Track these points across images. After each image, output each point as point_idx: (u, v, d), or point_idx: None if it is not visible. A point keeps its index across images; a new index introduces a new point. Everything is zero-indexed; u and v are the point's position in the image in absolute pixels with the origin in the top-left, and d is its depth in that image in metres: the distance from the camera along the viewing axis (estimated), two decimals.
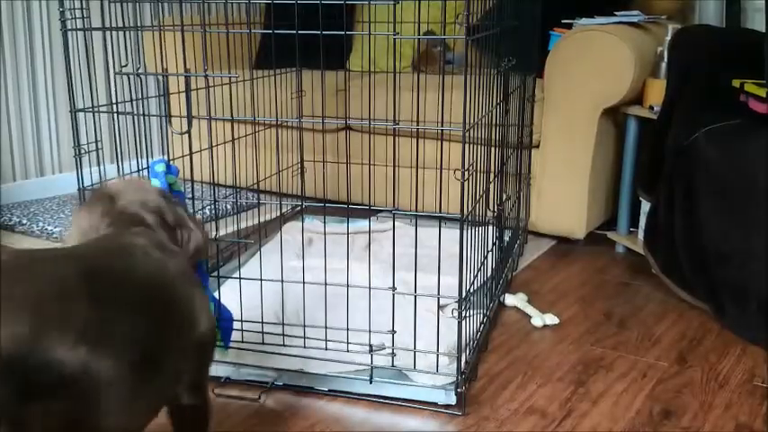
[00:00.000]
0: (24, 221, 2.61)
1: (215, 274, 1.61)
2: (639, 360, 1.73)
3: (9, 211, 2.72)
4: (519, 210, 2.38)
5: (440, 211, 1.41)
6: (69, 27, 1.54)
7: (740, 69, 2.14)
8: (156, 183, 1.30)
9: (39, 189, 3.01)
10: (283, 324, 1.64)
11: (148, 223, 1.14)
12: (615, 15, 2.48)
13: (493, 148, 1.77)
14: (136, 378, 0.91)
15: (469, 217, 1.49)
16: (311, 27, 1.43)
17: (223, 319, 1.44)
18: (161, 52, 1.51)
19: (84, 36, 1.52)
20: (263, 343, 1.61)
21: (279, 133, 2.76)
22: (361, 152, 2.79)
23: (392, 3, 1.36)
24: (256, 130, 2.81)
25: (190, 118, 1.44)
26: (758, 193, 1.85)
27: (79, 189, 1.58)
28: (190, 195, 1.56)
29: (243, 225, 2.61)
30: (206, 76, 1.37)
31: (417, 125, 1.33)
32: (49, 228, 2.54)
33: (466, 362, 1.55)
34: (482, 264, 1.74)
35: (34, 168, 3.01)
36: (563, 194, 2.46)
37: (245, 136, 2.54)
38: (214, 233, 1.61)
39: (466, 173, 1.39)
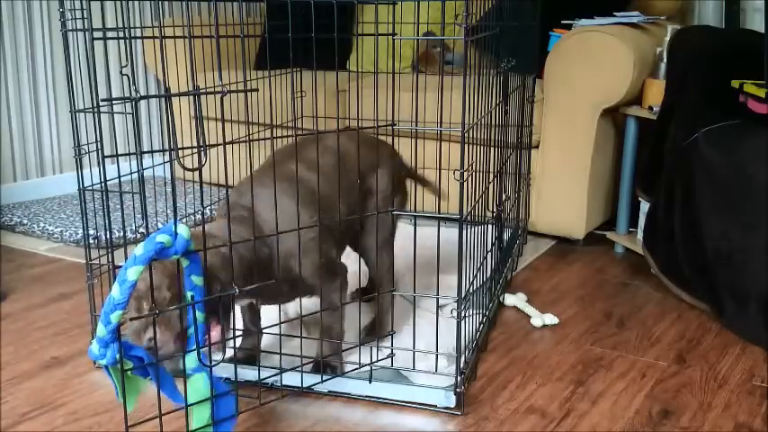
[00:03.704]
0: (25, 221, 2.62)
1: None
2: (639, 360, 1.73)
3: (10, 211, 2.72)
4: (518, 210, 2.39)
5: (439, 212, 1.41)
6: (69, 28, 1.54)
7: (739, 70, 2.14)
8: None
9: (39, 189, 3.01)
10: (282, 324, 1.64)
11: None
12: (615, 16, 2.48)
13: (492, 149, 1.77)
14: None
15: (469, 217, 1.49)
16: (309, 27, 1.43)
17: (219, 397, 1.24)
18: (162, 55, 1.51)
19: (84, 37, 1.52)
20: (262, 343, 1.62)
21: (276, 134, 2.77)
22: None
23: (390, 3, 1.36)
24: (257, 131, 2.82)
25: (202, 148, 1.38)
26: (757, 193, 1.85)
27: (79, 189, 1.58)
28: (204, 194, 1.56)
29: None
30: (228, 92, 1.31)
31: (416, 125, 1.34)
32: (50, 228, 2.55)
33: (465, 362, 1.55)
34: (481, 264, 1.75)
35: (35, 168, 3.02)
36: (562, 195, 2.47)
37: (249, 142, 2.54)
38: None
39: (465, 173, 1.39)
